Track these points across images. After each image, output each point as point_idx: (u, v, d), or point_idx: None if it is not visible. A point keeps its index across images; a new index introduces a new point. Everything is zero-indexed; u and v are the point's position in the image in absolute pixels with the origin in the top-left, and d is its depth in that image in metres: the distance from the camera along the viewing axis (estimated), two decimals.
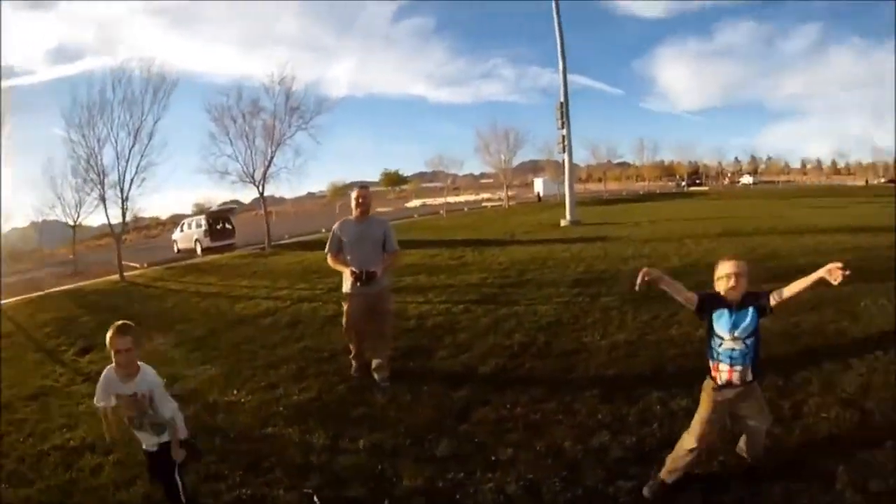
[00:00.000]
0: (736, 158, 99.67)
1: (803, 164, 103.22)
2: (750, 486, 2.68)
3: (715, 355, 2.48)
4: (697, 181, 74.47)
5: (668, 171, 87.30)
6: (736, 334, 2.42)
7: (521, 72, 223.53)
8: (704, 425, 2.52)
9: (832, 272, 2.25)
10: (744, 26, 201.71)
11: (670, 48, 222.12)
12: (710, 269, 2.58)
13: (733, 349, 2.43)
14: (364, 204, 3.98)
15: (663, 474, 2.65)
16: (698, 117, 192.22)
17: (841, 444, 3.06)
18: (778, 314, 2.52)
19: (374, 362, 4.10)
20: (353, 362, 4.30)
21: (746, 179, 79.59)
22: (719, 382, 2.49)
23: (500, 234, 15.84)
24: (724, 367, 2.46)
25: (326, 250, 4.17)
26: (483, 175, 67.65)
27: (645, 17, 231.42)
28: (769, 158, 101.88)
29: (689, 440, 2.56)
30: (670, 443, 2.81)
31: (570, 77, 20.83)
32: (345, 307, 4.13)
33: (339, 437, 3.35)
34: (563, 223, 18.46)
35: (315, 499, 2.78)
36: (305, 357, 5.01)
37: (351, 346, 4.29)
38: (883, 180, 72.54)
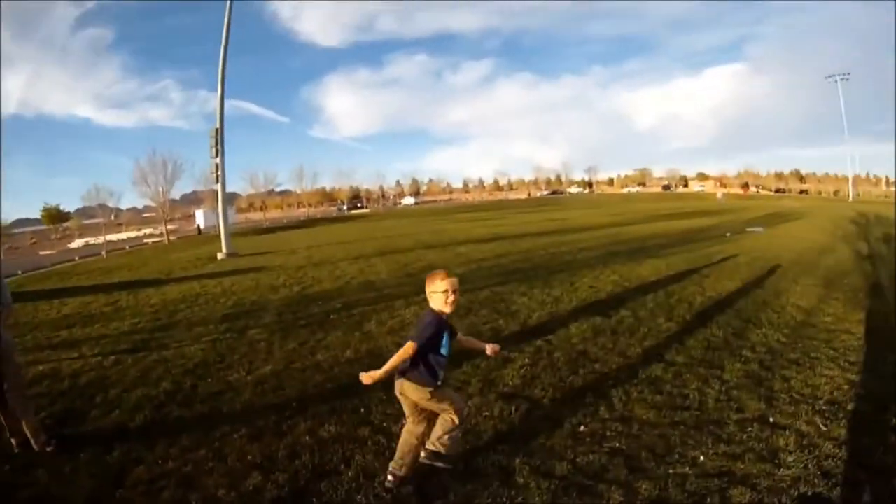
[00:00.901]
0: (398, 182, 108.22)
1: (465, 184, 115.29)
2: (420, 495, 2.72)
3: (438, 372, 2.78)
4: (359, 204, 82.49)
5: (329, 196, 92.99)
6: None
7: (190, 95, 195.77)
8: (456, 402, 2.90)
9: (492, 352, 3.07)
10: (416, 59, 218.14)
11: (341, 77, 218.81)
12: (363, 288, 2.57)
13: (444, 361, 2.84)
14: None
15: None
16: (362, 144, 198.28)
17: (513, 438, 3.26)
18: None
19: (27, 430, 3.75)
20: (12, 438, 3.83)
21: (408, 200, 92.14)
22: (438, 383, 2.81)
23: (158, 272, 14.91)
24: (441, 373, 2.81)
25: None
26: (147, 208, 59.15)
27: (321, 45, 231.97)
28: (430, 180, 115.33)
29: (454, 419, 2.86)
30: (323, 473, 2.99)
31: (238, 103, 20.05)
32: None
33: None
34: (219, 256, 18.28)
35: None
36: None
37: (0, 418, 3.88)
38: (546, 192, 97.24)
